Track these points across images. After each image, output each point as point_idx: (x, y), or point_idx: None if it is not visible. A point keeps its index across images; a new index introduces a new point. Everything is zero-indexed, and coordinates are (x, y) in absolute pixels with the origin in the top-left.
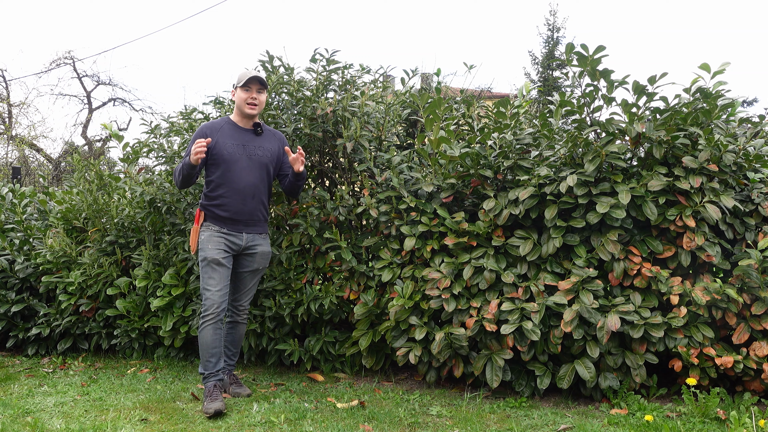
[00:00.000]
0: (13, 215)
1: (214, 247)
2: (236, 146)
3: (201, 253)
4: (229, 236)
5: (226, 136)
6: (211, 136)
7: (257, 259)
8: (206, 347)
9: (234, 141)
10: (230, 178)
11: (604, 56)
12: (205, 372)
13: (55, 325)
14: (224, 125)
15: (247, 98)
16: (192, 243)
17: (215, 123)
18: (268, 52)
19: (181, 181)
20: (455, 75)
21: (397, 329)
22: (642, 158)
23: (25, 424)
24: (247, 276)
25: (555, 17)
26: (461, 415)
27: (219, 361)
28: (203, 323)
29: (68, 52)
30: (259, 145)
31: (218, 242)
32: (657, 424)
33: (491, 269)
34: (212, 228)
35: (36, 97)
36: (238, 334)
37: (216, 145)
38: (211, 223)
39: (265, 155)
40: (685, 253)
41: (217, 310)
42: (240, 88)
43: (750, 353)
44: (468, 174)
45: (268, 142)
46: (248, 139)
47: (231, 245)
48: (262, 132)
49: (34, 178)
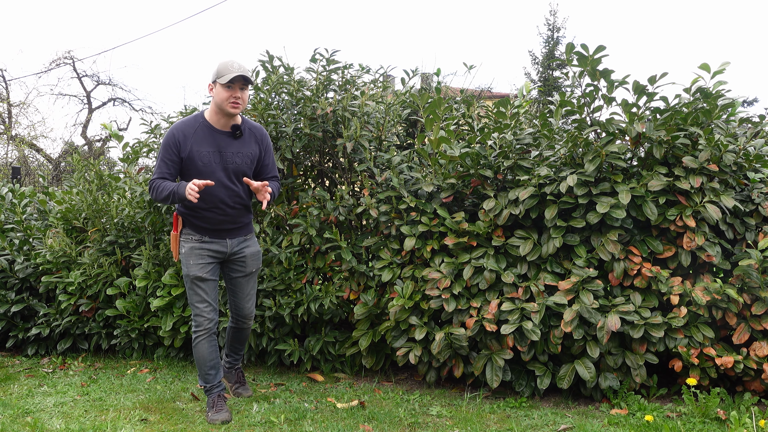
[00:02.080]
0: (13, 215)
1: (195, 263)
2: (211, 154)
3: (184, 268)
4: (212, 244)
5: (200, 142)
6: (183, 142)
7: (248, 261)
8: (204, 361)
9: (209, 148)
10: (206, 191)
11: (604, 56)
12: (207, 385)
13: (55, 325)
14: (198, 127)
15: (229, 97)
16: (174, 250)
17: (187, 125)
18: (268, 52)
19: (162, 201)
20: (455, 75)
21: (397, 329)
22: (642, 158)
23: (24, 424)
24: (243, 281)
25: (555, 17)
26: (461, 415)
27: (219, 372)
28: (197, 337)
29: (68, 52)
30: (237, 150)
31: (200, 255)
32: (657, 424)
33: (491, 269)
34: (193, 238)
35: (36, 97)
36: (244, 335)
37: (190, 153)
38: (191, 231)
39: (244, 162)
40: (686, 253)
41: (208, 325)
42: (221, 84)
43: (750, 353)
44: (468, 174)
45: (246, 146)
46: (225, 144)
47: (215, 254)
48: (241, 134)
49: (34, 178)
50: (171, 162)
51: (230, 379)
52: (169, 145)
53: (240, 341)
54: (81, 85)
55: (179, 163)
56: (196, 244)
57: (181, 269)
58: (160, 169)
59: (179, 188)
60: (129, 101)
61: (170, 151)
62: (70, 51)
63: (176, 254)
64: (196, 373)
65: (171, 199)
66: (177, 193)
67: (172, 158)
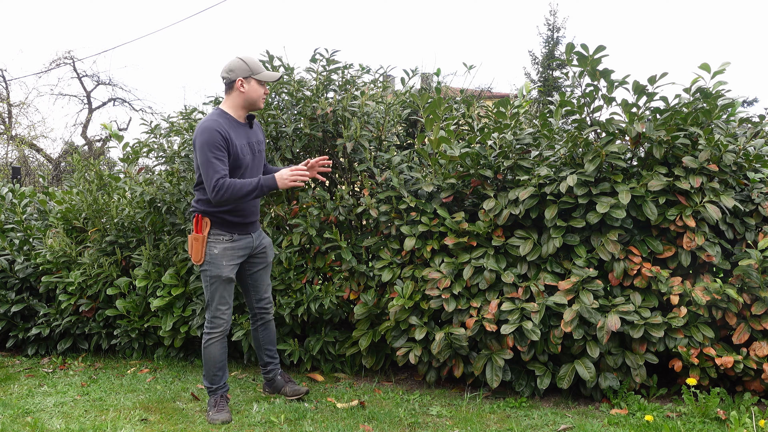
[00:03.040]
0: (13, 215)
1: (228, 263)
2: (246, 146)
3: (213, 269)
4: (241, 241)
5: (236, 136)
6: (228, 137)
7: (268, 251)
8: (213, 362)
9: (243, 140)
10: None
11: (604, 56)
12: (213, 386)
13: (55, 325)
14: (229, 122)
15: (264, 93)
16: (198, 254)
17: (220, 121)
18: (268, 52)
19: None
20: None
21: (397, 329)
22: (642, 158)
23: (25, 424)
24: (263, 272)
25: (555, 17)
26: (461, 415)
27: (225, 374)
28: (211, 339)
29: (68, 52)
30: (256, 140)
31: (232, 256)
32: (657, 424)
33: (491, 269)
34: (224, 238)
35: (36, 97)
36: (272, 332)
37: (233, 148)
38: (219, 230)
39: (262, 149)
40: (685, 253)
41: (225, 327)
42: (257, 81)
43: (750, 353)
44: (468, 174)
45: (259, 134)
46: (249, 134)
47: (243, 252)
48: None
49: (34, 178)
50: (225, 158)
51: (280, 384)
52: (217, 143)
53: (271, 340)
54: (81, 85)
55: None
56: (228, 244)
57: (204, 270)
58: (216, 167)
59: (266, 181)
60: (129, 101)
61: (220, 147)
62: (70, 51)
63: (199, 257)
64: (197, 373)
65: (257, 193)
66: (265, 185)
67: (224, 153)
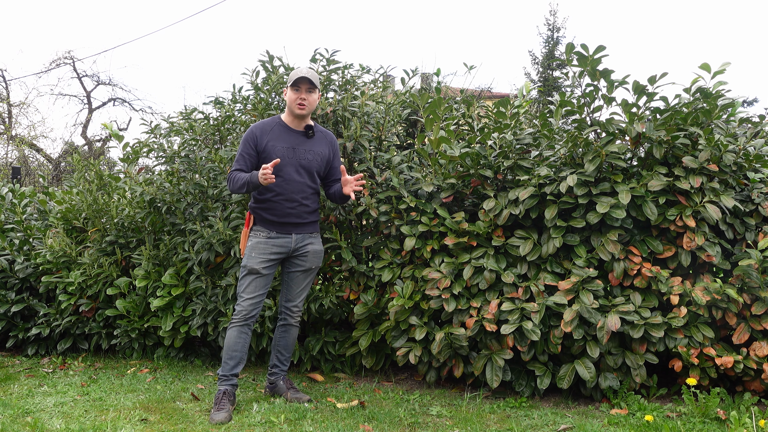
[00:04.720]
0: (13, 215)
1: (257, 256)
2: (286, 149)
3: (245, 259)
4: (278, 239)
5: (276, 139)
6: (260, 138)
7: (310, 258)
8: (228, 347)
9: (284, 144)
10: (279, 183)
11: (604, 56)
12: (220, 373)
13: (55, 325)
14: (275, 126)
15: (296, 99)
16: (242, 246)
17: (266, 123)
18: (268, 52)
19: (238, 191)
20: (455, 75)
21: (397, 329)
22: (642, 158)
23: (25, 424)
24: (300, 275)
25: (555, 17)
26: (461, 415)
27: (237, 365)
28: (230, 324)
29: (68, 52)
30: (309, 148)
31: (263, 250)
32: (657, 424)
33: (491, 269)
34: (261, 233)
35: (36, 97)
36: (290, 337)
37: (266, 148)
38: (260, 227)
39: (315, 159)
40: (685, 253)
41: (246, 316)
42: (290, 87)
43: (750, 353)
44: (468, 174)
45: (318, 145)
46: (299, 142)
47: (279, 250)
48: (314, 134)
49: (34, 178)
50: (248, 155)
51: (282, 389)
52: (247, 140)
53: (287, 346)
54: (81, 85)
55: (256, 158)
56: (263, 240)
57: (241, 260)
58: (237, 162)
59: (252, 176)
60: (129, 101)
61: (248, 145)
62: (70, 51)
63: (244, 250)
64: (197, 373)
65: (246, 188)
66: (251, 181)
67: (249, 152)
